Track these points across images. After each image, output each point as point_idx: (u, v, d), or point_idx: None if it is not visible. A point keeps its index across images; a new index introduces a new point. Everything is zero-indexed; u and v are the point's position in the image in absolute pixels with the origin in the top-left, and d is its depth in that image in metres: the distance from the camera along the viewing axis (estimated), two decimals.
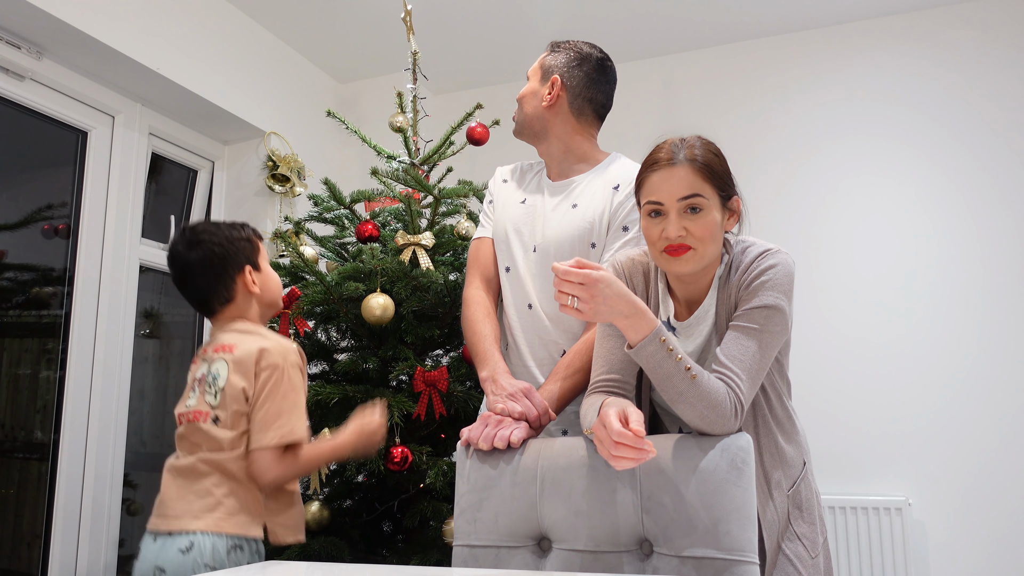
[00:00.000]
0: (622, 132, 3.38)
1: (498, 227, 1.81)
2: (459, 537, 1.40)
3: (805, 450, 1.46)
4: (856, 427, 2.91)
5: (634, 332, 1.27)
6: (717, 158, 1.34)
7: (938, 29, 3.05)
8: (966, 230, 2.91)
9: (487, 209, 1.89)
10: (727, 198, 1.35)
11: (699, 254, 1.32)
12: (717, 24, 3.20)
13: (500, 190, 1.87)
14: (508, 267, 1.77)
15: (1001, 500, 2.72)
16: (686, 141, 1.35)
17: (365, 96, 3.58)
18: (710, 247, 1.32)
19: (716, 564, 1.21)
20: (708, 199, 1.31)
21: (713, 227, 1.31)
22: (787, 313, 1.34)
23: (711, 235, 1.31)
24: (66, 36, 2.32)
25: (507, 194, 1.84)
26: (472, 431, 1.44)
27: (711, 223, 1.31)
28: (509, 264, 1.77)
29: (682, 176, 1.30)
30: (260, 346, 1.50)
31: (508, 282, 1.77)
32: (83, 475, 2.45)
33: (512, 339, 1.75)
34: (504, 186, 1.87)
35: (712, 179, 1.32)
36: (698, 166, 1.31)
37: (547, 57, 1.77)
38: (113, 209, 2.61)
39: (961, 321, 2.86)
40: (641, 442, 1.14)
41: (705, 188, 1.31)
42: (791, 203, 3.13)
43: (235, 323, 1.57)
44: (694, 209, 1.31)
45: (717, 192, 1.32)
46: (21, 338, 2.42)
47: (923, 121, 3.02)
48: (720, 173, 1.33)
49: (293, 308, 2.23)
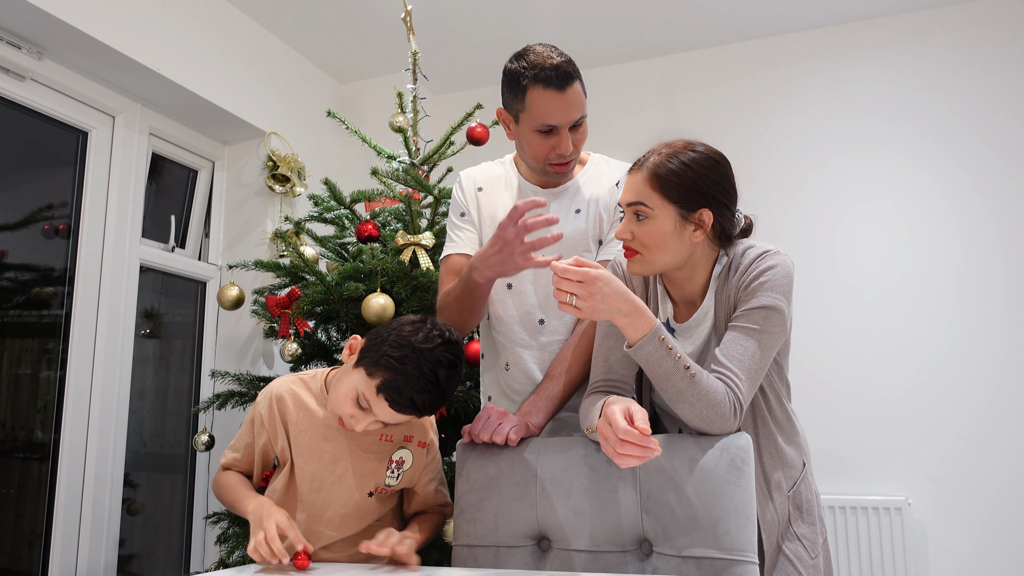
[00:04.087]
0: (622, 132, 3.38)
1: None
2: (459, 537, 1.40)
3: (805, 451, 1.47)
4: (856, 427, 2.91)
5: (633, 331, 1.28)
6: (688, 170, 1.32)
7: (939, 29, 3.05)
8: (973, 230, 2.91)
9: (459, 223, 1.75)
10: (690, 210, 1.33)
11: (646, 259, 1.36)
12: (717, 24, 3.20)
13: (476, 200, 1.75)
14: (510, 283, 1.69)
15: (1001, 500, 2.72)
16: (661, 148, 1.36)
17: (365, 96, 3.58)
18: (658, 254, 1.35)
19: (716, 564, 1.21)
20: (654, 209, 1.33)
21: (659, 236, 1.33)
22: (786, 314, 1.34)
23: (656, 243, 1.34)
24: (66, 36, 2.32)
25: (490, 207, 1.74)
26: (473, 425, 1.45)
27: (654, 232, 1.33)
28: (512, 280, 1.69)
29: (635, 183, 1.36)
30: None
31: (511, 298, 1.69)
32: (83, 475, 2.45)
33: (515, 356, 1.68)
34: (481, 195, 1.75)
35: (664, 190, 1.32)
36: (651, 176, 1.33)
37: (583, 85, 1.60)
38: (113, 209, 2.61)
39: (962, 321, 2.86)
40: (647, 440, 1.15)
41: (652, 198, 1.33)
42: (791, 203, 3.13)
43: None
44: (639, 216, 1.35)
45: (670, 203, 1.32)
46: (21, 338, 2.42)
47: (924, 121, 3.02)
48: (680, 186, 1.32)
49: (293, 308, 2.23)
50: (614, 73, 3.49)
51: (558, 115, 1.53)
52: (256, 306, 2.62)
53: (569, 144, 1.57)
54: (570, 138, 1.57)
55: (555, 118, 1.53)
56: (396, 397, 1.31)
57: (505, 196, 1.74)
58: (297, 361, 2.30)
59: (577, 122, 1.57)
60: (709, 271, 1.41)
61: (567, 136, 1.56)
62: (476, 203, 1.75)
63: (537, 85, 1.51)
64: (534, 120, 1.55)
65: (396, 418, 1.35)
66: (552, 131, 1.56)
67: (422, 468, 1.50)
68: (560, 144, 1.56)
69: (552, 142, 1.57)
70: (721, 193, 1.35)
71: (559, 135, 1.56)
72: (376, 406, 1.33)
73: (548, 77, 1.50)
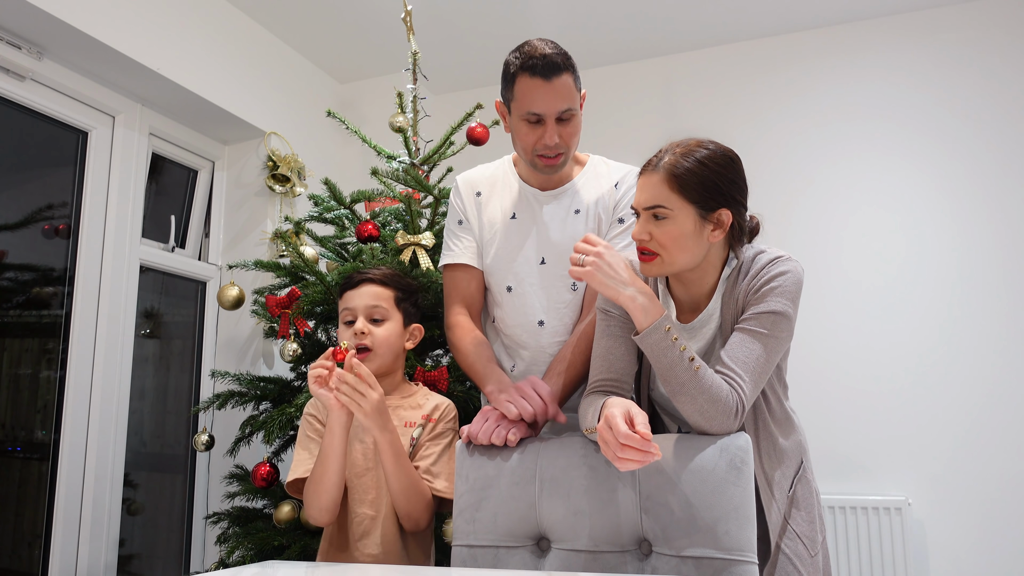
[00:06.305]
0: (622, 132, 3.38)
1: (490, 248, 1.73)
2: (458, 537, 1.40)
3: (804, 448, 1.47)
4: (856, 427, 2.91)
5: (643, 316, 1.30)
6: (705, 168, 1.32)
7: (939, 29, 3.05)
8: (973, 230, 2.91)
9: (458, 231, 1.76)
10: (709, 210, 1.33)
11: (664, 260, 1.35)
12: (717, 24, 3.20)
13: (475, 206, 1.75)
14: (511, 286, 1.70)
15: (1001, 500, 2.72)
16: (674, 148, 1.35)
17: (365, 96, 3.58)
18: (677, 255, 1.34)
19: (715, 564, 1.21)
20: (673, 210, 1.32)
21: (679, 236, 1.32)
22: (793, 320, 1.35)
23: (676, 244, 1.33)
24: (66, 36, 2.32)
25: (489, 210, 1.74)
26: (472, 427, 1.45)
27: (674, 232, 1.32)
28: (512, 283, 1.70)
29: (653, 184, 1.34)
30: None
31: (512, 301, 1.70)
32: (83, 475, 2.45)
33: (517, 359, 1.70)
34: (479, 200, 1.75)
35: (683, 191, 1.31)
36: (669, 177, 1.32)
37: (577, 79, 1.62)
38: (113, 209, 2.61)
39: (961, 321, 2.86)
40: (647, 444, 1.15)
41: (672, 199, 1.32)
42: (791, 202, 3.13)
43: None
44: (657, 217, 1.33)
45: (690, 203, 1.31)
46: (21, 338, 2.42)
47: (924, 121, 3.02)
48: (699, 185, 1.31)
49: (293, 308, 2.23)
50: (614, 73, 3.49)
51: (542, 104, 1.55)
52: (256, 306, 2.62)
53: (554, 135, 1.57)
54: (556, 130, 1.57)
55: (539, 106, 1.55)
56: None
57: (503, 199, 1.74)
58: (297, 361, 2.30)
59: (565, 114, 1.57)
60: (719, 272, 1.40)
61: (552, 127, 1.57)
62: (476, 209, 1.75)
63: (524, 74, 1.54)
64: (521, 108, 1.57)
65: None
66: (539, 121, 1.57)
67: (428, 435, 1.63)
68: (545, 134, 1.57)
69: (539, 132, 1.58)
70: (737, 192, 1.35)
71: (545, 125, 1.57)
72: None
73: (535, 66, 1.53)
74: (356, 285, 1.66)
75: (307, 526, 2.09)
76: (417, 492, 1.51)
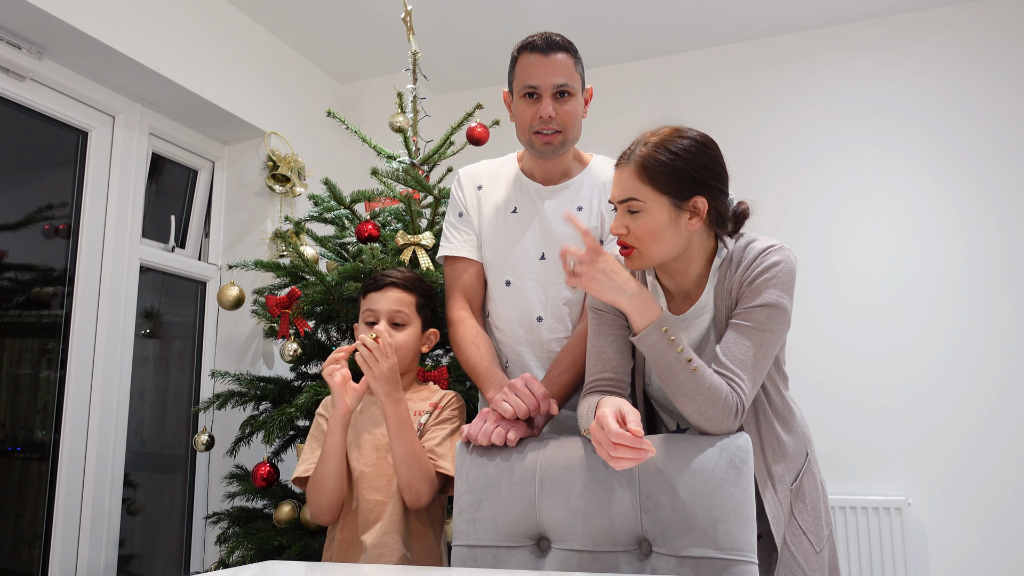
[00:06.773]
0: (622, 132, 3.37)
1: (489, 241, 1.73)
2: (458, 537, 1.40)
3: (807, 440, 1.45)
4: (856, 427, 2.91)
5: (640, 317, 1.29)
6: (676, 157, 1.30)
7: (939, 29, 3.05)
8: (974, 230, 2.91)
9: (457, 223, 1.76)
10: (683, 199, 1.31)
11: (643, 254, 1.34)
12: (717, 24, 3.20)
13: (476, 199, 1.76)
14: (509, 280, 1.70)
15: (1001, 500, 2.72)
16: (647, 138, 1.35)
17: (365, 96, 3.58)
18: (654, 248, 1.33)
19: (715, 564, 1.21)
20: (646, 202, 1.31)
21: (654, 229, 1.31)
22: (788, 311, 1.34)
23: (652, 236, 1.32)
24: (66, 36, 2.32)
25: (490, 204, 1.74)
26: (471, 428, 1.45)
27: (649, 225, 1.31)
28: (511, 277, 1.69)
29: (625, 177, 1.33)
30: None
31: (510, 296, 1.70)
32: (83, 475, 2.45)
33: (515, 355, 1.69)
34: (480, 194, 1.76)
35: (654, 182, 1.30)
36: (639, 169, 1.31)
37: (579, 65, 1.65)
38: (113, 209, 2.61)
39: (962, 321, 2.86)
40: (640, 442, 1.14)
41: (643, 191, 1.31)
42: (791, 202, 3.13)
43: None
44: (632, 210, 1.33)
45: (662, 193, 1.30)
46: (21, 338, 2.42)
47: (924, 121, 3.02)
48: (669, 175, 1.30)
49: (293, 308, 2.23)
50: (614, 73, 3.49)
51: (538, 76, 1.58)
52: (256, 306, 2.62)
53: (550, 109, 1.59)
54: (552, 106, 1.60)
55: (536, 79, 1.58)
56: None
57: (505, 192, 1.74)
58: (297, 361, 2.30)
59: (561, 91, 1.60)
60: (706, 261, 1.39)
61: (548, 102, 1.59)
62: (476, 202, 1.75)
63: (524, 52, 1.60)
64: (520, 84, 1.61)
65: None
66: (535, 96, 1.60)
67: (434, 420, 1.67)
68: (542, 108, 1.59)
69: (535, 108, 1.60)
70: (712, 178, 1.33)
71: (541, 101, 1.60)
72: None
73: (533, 43, 1.59)
74: (381, 288, 1.67)
75: (307, 526, 2.09)
76: (418, 462, 1.55)
